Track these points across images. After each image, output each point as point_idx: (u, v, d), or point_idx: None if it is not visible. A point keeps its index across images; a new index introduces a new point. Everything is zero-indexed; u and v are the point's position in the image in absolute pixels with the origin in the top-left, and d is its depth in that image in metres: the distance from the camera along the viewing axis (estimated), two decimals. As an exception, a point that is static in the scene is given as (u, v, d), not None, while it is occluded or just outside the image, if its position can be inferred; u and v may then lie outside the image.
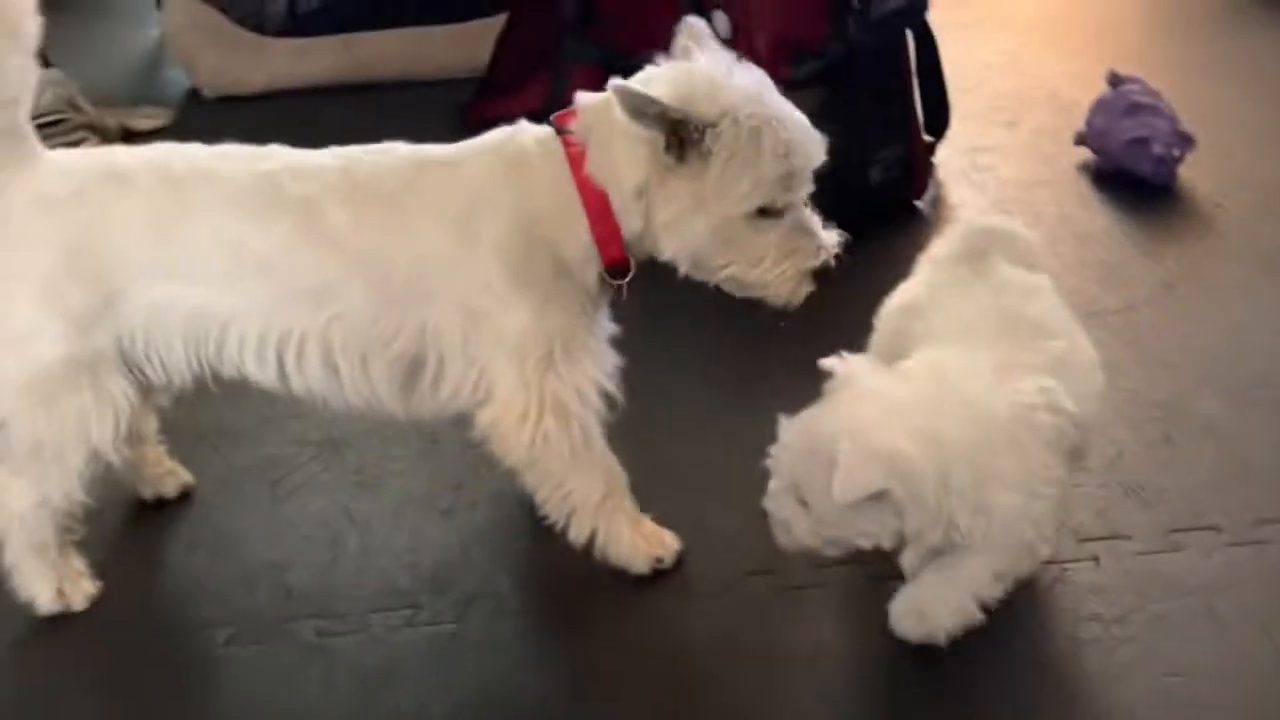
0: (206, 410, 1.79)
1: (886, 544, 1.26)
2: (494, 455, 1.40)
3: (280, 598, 1.47)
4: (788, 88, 2.13)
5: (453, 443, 1.69)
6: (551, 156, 1.35)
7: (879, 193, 2.28)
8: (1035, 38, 3.19)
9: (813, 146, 1.35)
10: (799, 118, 1.36)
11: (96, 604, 1.46)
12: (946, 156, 2.48)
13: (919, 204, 2.36)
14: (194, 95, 3.21)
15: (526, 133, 1.38)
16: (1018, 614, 1.37)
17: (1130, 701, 1.26)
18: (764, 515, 1.29)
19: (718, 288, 1.40)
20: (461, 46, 3.10)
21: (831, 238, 1.40)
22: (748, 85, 1.32)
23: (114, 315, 1.36)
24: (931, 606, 1.29)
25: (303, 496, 1.65)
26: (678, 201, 1.31)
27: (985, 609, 1.29)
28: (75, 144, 2.69)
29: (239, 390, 1.83)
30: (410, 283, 1.34)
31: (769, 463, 1.28)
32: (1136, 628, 1.35)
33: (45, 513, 1.41)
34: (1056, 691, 1.28)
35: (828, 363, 1.29)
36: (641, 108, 1.27)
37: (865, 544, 1.25)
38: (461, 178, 1.35)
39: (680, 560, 1.48)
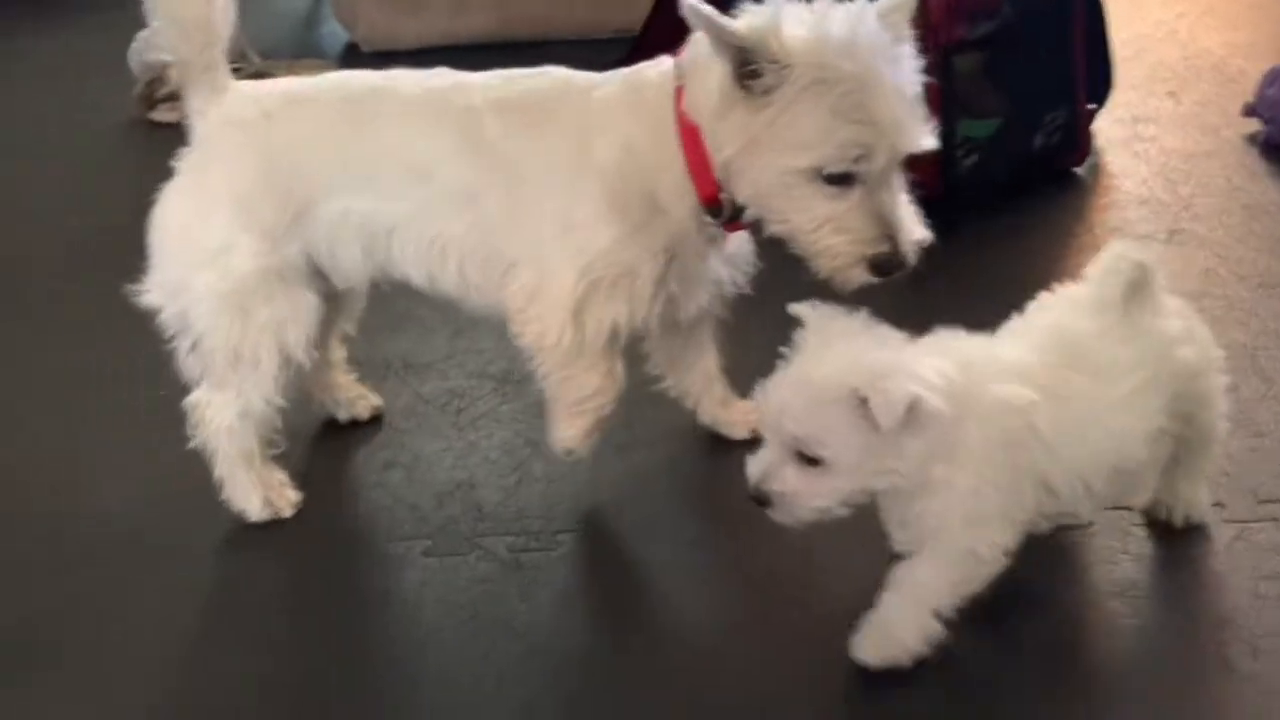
0: (393, 345, 1.90)
1: (908, 483, 1.19)
2: (514, 332, 1.45)
3: (472, 515, 1.55)
4: (960, 48, 2.16)
5: (630, 380, 1.75)
6: (663, 90, 1.38)
7: (1040, 158, 2.27)
8: (1194, 9, 3.12)
9: (904, 125, 1.27)
10: (899, 90, 1.28)
11: (301, 514, 1.56)
12: (1106, 125, 2.46)
13: (1078, 171, 2.35)
14: (352, 50, 3.35)
15: (657, 67, 1.42)
16: (1199, 568, 1.39)
17: (1317, 657, 1.27)
18: (756, 503, 1.20)
19: None
20: (609, 8, 3.16)
21: (913, 233, 1.32)
22: (842, 37, 1.26)
23: (302, 227, 1.45)
24: (894, 628, 1.25)
25: (486, 425, 1.73)
26: (738, 137, 1.30)
27: (944, 620, 1.24)
28: (247, 93, 2.83)
29: (423, 326, 1.95)
30: (533, 191, 1.41)
31: (761, 429, 1.20)
32: (1321, 588, 1.35)
33: (249, 423, 1.51)
34: (1239, 645, 1.29)
35: (798, 309, 1.23)
36: (712, 30, 1.25)
37: (883, 485, 1.20)
38: (592, 101, 1.41)
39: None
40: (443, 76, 1.47)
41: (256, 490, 1.54)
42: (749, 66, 1.26)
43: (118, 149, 2.82)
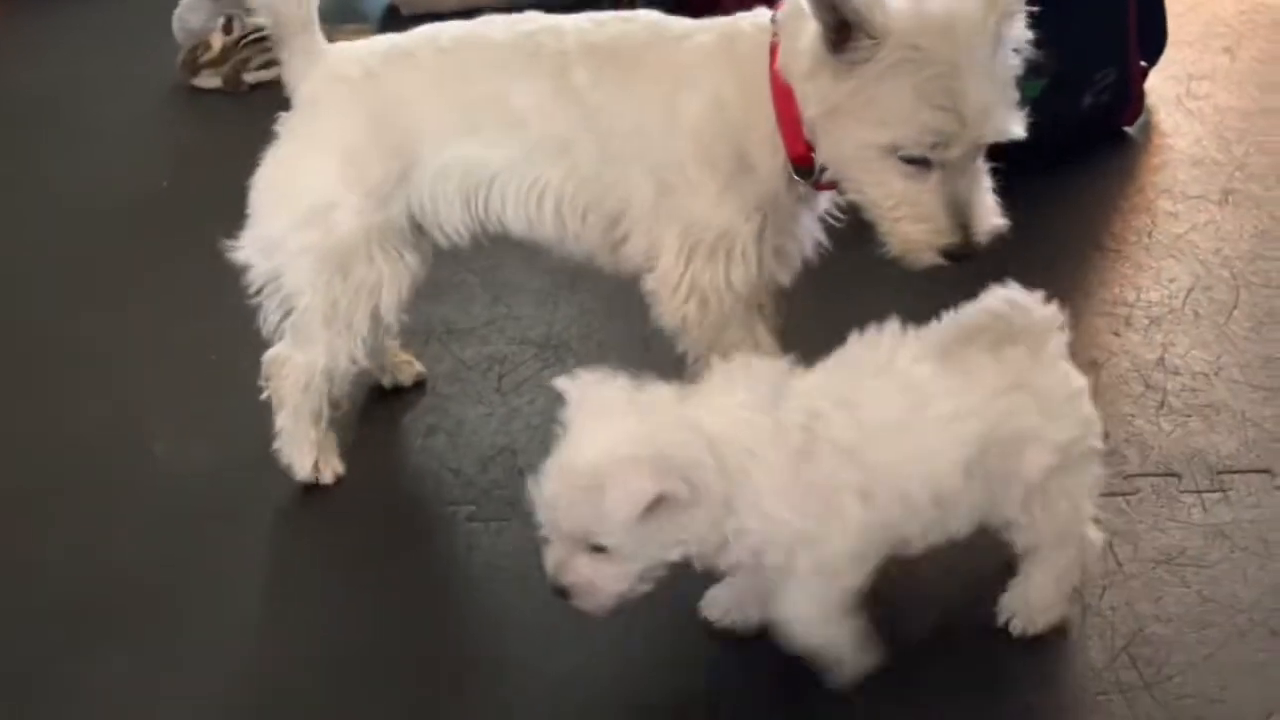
0: (434, 311, 1.91)
1: (704, 548, 1.15)
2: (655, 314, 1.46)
3: (515, 480, 1.56)
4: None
5: (665, 347, 1.75)
6: (756, 44, 1.35)
7: (1089, 118, 2.22)
8: (1251, -40, 3.02)
9: (990, 113, 1.23)
10: (991, 75, 1.23)
11: (349, 479, 1.58)
12: (1159, 83, 2.40)
13: (1129, 130, 2.30)
14: (393, 13, 3.34)
15: (752, 18, 1.39)
16: (1247, 535, 1.37)
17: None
18: (560, 597, 1.15)
19: None
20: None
21: (987, 222, 1.29)
22: (941, 15, 1.21)
23: (408, 184, 1.46)
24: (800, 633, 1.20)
25: (527, 391, 1.74)
26: (821, 101, 1.27)
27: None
28: (289, 58, 2.85)
29: (463, 292, 1.96)
30: (625, 144, 1.40)
31: (543, 533, 1.15)
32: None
33: (327, 380, 1.52)
34: (1290, 612, 1.28)
35: (560, 383, 1.19)
36: None
37: (677, 557, 1.15)
38: (681, 52, 1.38)
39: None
40: (532, 20, 1.45)
41: (311, 452, 1.56)
42: (844, 33, 1.22)
43: (161, 115, 2.84)
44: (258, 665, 1.35)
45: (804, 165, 1.36)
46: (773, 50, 1.34)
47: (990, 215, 1.30)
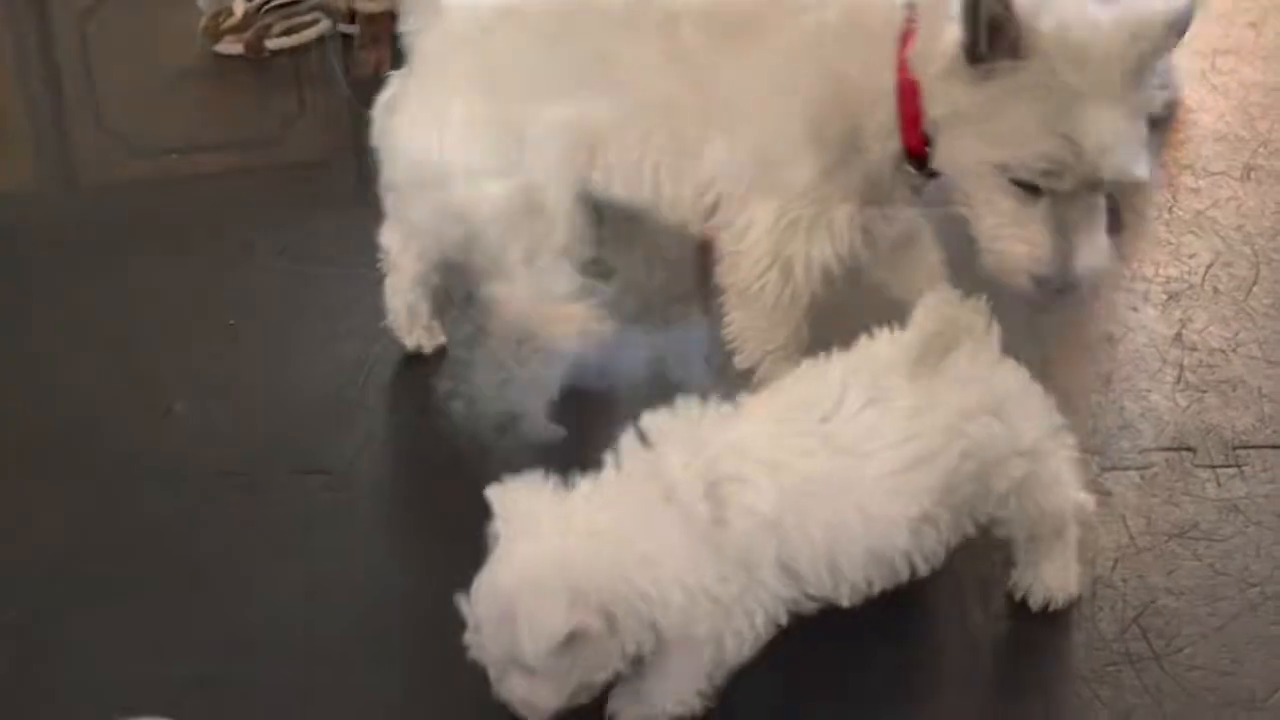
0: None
1: (641, 651, 1.11)
2: (717, 269, 1.45)
3: (532, 447, 1.57)
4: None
5: (683, 320, 1.76)
6: (885, 24, 1.29)
7: (1112, 92, 2.21)
8: (1280, -66, 2.99)
9: (1109, 151, 1.16)
10: (1120, 112, 1.16)
11: (363, 442, 1.60)
12: (1183, 58, 2.37)
13: (1152, 106, 2.29)
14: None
15: None
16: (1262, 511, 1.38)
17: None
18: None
19: None
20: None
21: (1089, 262, 1.22)
22: (1083, 43, 1.15)
23: (525, 144, 1.45)
24: (654, 702, 1.16)
25: (544, 359, 1.75)
26: (948, 104, 1.23)
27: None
28: (310, 24, 2.85)
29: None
30: (731, 112, 1.38)
31: (474, 655, 1.12)
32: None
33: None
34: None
35: (490, 493, 1.14)
36: None
37: (608, 675, 1.12)
38: (803, 24, 1.34)
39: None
40: None
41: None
42: (990, 46, 1.16)
43: (182, 81, 2.84)
44: (267, 624, 1.37)
45: (920, 157, 1.31)
46: (904, 36, 1.28)
47: (1096, 254, 1.23)
